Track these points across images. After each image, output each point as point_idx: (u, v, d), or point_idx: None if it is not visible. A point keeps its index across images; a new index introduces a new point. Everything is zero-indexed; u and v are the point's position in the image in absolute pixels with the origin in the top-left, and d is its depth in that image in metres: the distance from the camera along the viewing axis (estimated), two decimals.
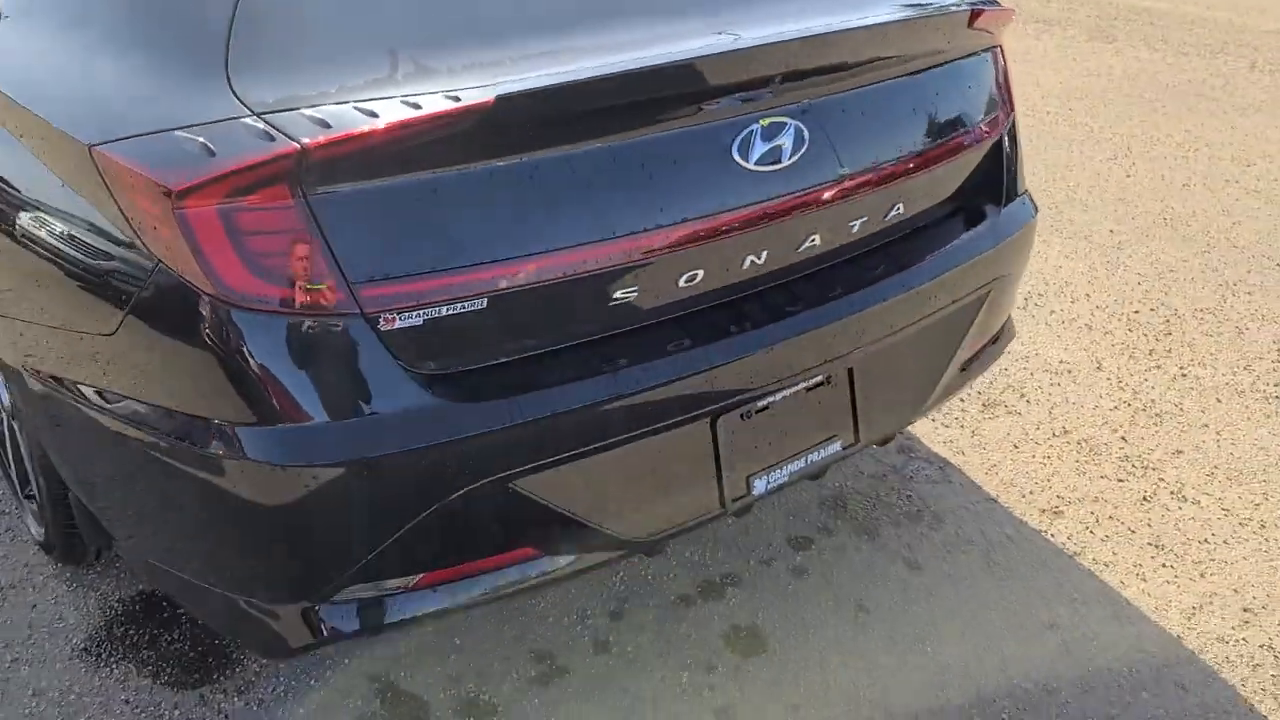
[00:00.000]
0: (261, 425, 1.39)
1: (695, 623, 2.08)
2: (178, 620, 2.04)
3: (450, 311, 1.42)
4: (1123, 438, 2.67)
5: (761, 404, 1.73)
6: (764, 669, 1.98)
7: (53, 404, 1.67)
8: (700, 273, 1.62)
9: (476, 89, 1.38)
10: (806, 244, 1.74)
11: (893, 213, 1.86)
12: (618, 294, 1.55)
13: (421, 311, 1.41)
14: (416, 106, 1.35)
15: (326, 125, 1.33)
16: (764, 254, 1.68)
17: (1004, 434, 2.67)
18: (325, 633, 1.54)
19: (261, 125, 1.34)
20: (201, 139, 1.35)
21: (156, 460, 1.49)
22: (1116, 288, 3.42)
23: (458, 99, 1.36)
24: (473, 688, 1.92)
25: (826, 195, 1.71)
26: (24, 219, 1.58)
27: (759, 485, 1.77)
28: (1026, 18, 6.87)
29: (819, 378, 1.80)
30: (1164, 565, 2.26)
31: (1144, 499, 2.45)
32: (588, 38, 1.56)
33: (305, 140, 1.30)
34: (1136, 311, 3.28)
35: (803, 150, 1.66)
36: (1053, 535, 2.34)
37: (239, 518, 1.46)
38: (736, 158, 1.59)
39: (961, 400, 2.80)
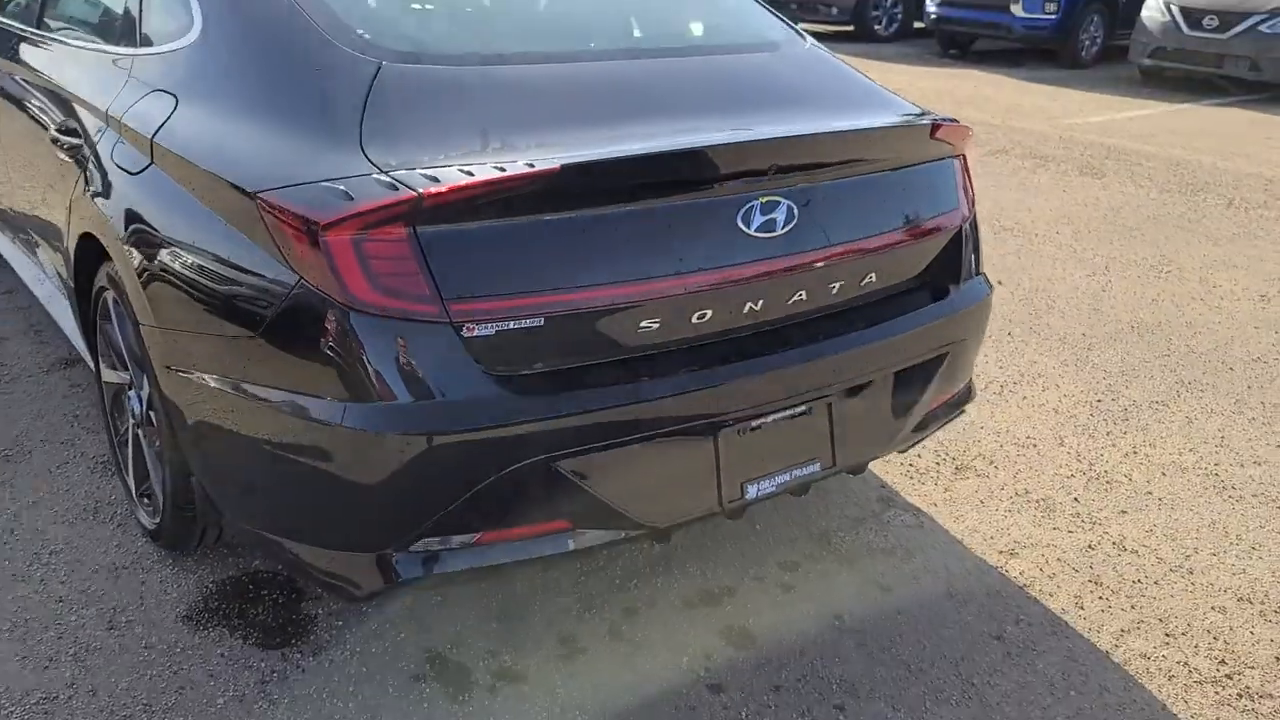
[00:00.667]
0: (363, 402, 1.83)
1: (695, 621, 2.45)
2: (260, 598, 2.43)
3: (516, 326, 1.87)
4: (1075, 499, 3.06)
5: (755, 423, 2.16)
6: (752, 658, 2.35)
7: (197, 399, 2.11)
8: (709, 312, 2.07)
9: (546, 160, 1.86)
10: (794, 298, 2.19)
11: (866, 280, 2.31)
12: (643, 323, 2.00)
13: (495, 324, 1.86)
14: (501, 169, 1.83)
15: (436, 180, 1.81)
16: (760, 302, 2.13)
17: (972, 491, 3.07)
18: (398, 578, 1.94)
19: (387, 179, 1.82)
20: (342, 188, 1.83)
21: (277, 434, 1.92)
22: (1084, 380, 3.84)
23: (532, 166, 1.84)
24: (507, 659, 2.30)
25: (810, 261, 2.17)
26: (192, 251, 2.06)
27: (751, 491, 2.18)
28: (1024, 154, 7.47)
29: (802, 407, 2.23)
30: (1100, 598, 2.62)
31: (1089, 547, 2.83)
32: (632, 128, 2.05)
33: (420, 190, 1.78)
34: (1099, 400, 3.69)
35: (792, 224, 2.13)
36: (1007, 570, 2.71)
37: (337, 478, 1.89)
38: (740, 225, 2.06)
39: (936, 463, 3.20)
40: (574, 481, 1.95)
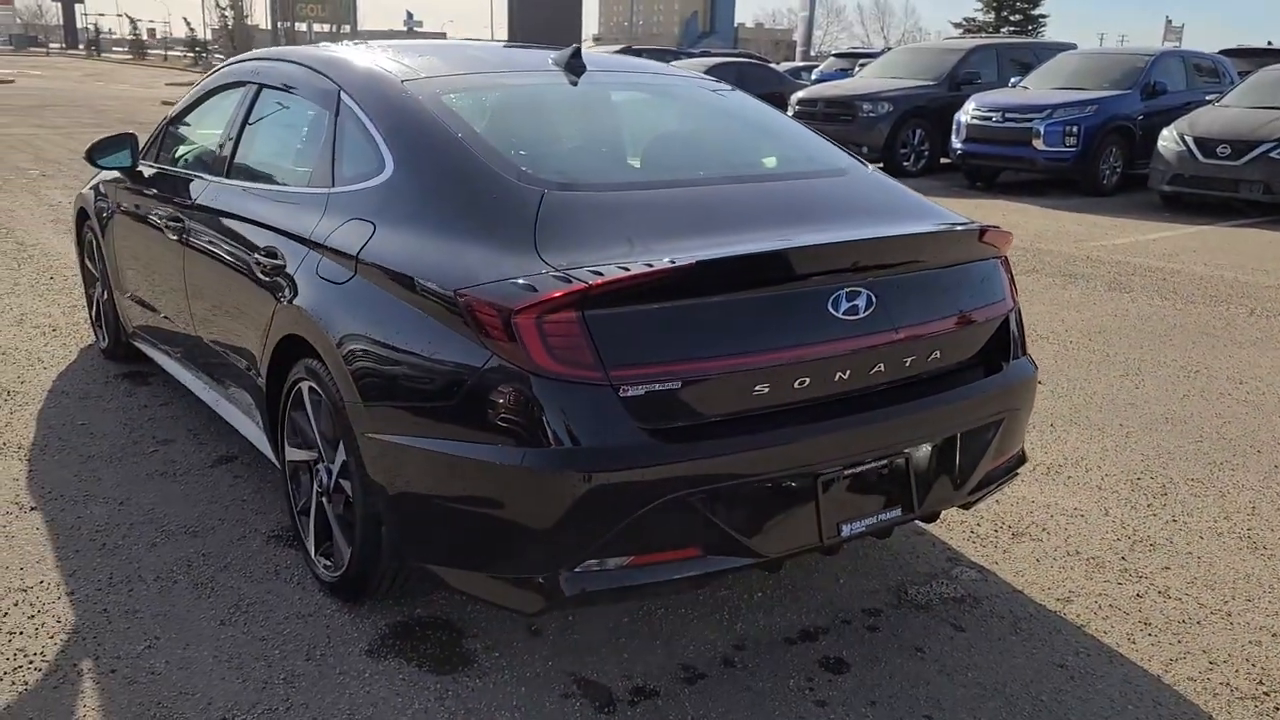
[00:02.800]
0: (541, 448, 2.32)
1: (797, 653, 2.86)
2: (427, 636, 2.88)
3: (660, 388, 2.38)
4: (1122, 558, 3.46)
5: (848, 472, 2.62)
6: (848, 682, 2.75)
7: (390, 458, 2.61)
8: (808, 379, 2.56)
9: (683, 258, 2.40)
10: (875, 369, 2.68)
11: (932, 356, 2.81)
12: (757, 387, 2.50)
13: (645, 386, 2.36)
14: (649, 265, 2.37)
15: (599, 274, 2.35)
16: (848, 372, 2.63)
17: (1028, 552, 3.48)
18: (561, 595, 2.40)
19: (562, 274, 2.36)
20: (524, 282, 2.37)
21: (466, 478, 2.42)
22: (1124, 463, 4.26)
23: (673, 262, 2.38)
24: (640, 680, 2.71)
25: (886, 340, 2.68)
26: (392, 338, 2.60)
27: (845, 529, 2.63)
28: (1054, 273, 8.02)
29: (885, 460, 2.69)
30: (1149, 635, 3.00)
31: (1137, 595, 3.22)
32: (743, 234, 2.61)
33: (590, 281, 2.32)
34: (1138, 479, 4.11)
35: (872, 309, 2.64)
36: (1065, 614, 3.10)
37: (518, 510, 2.37)
38: (830, 309, 2.58)
39: (995, 530, 3.62)
40: (704, 514, 2.42)
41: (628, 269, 2.36)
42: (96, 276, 5.19)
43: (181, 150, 4.36)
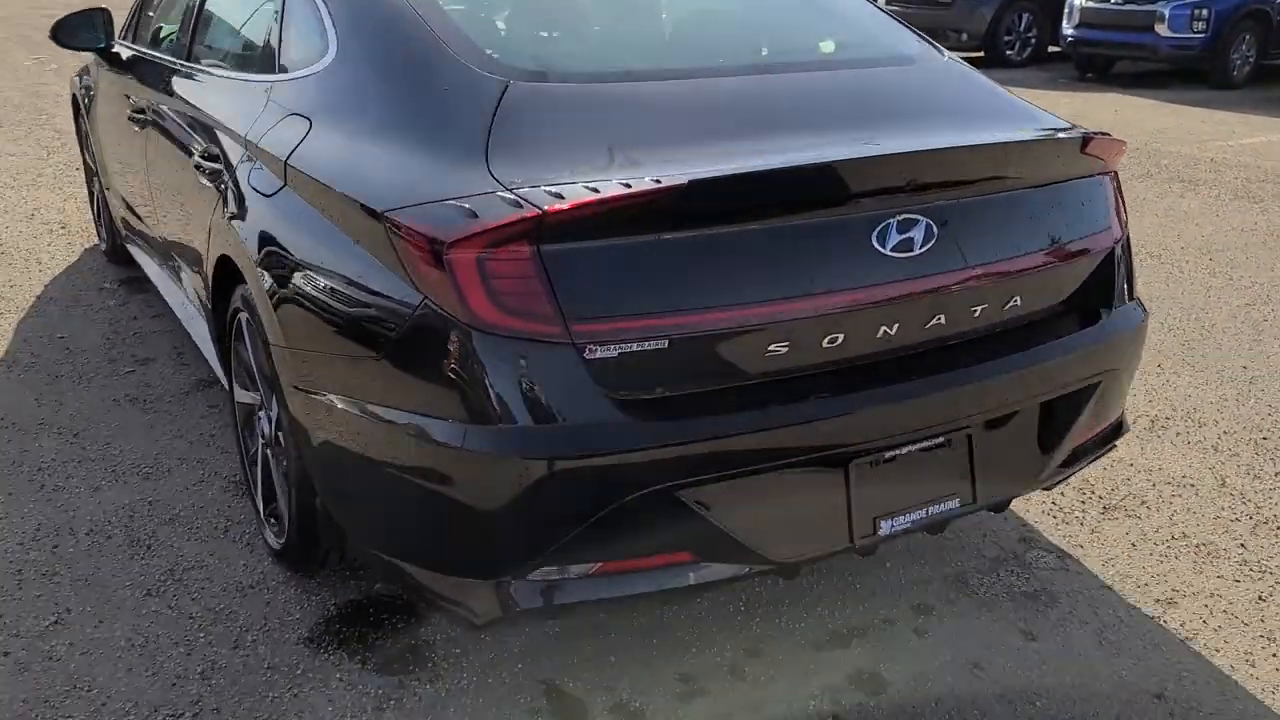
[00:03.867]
0: (484, 424, 1.78)
1: (822, 663, 2.33)
2: (380, 623, 2.42)
3: (640, 348, 1.81)
4: (1242, 545, 2.82)
5: (889, 455, 2.04)
6: (884, 705, 2.21)
7: (323, 420, 2.11)
8: (841, 336, 1.96)
9: (674, 176, 1.80)
10: (933, 322, 2.06)
11: (1010, 304, 2.17)
12: (771, 347, 1.91)
13: (618, 346, 1.79)
14: (627, 186, 1.78)
15: (560, 197, 1.76)
16: (895, 326, 2.02)
17: (1123, 534, 2.86)
18: (516, 606, 1.89)
19: (511, 197, 1.79)
20: (467, 205, 1.80)
21: (403, 459, 1.90)
22: (1246, 416, 3.57)
23: (659, 182, 1.78)
24: (624, 695, 2.22)
25: (950, 283, 2.05)
26: (320, 271, 2.07)
27: (884, 527, 2.05)
28: (1171, 177, 7.10)
29: (940, 439, 2.10)
30: (1275, 655, 2.39)
31: (1260, 598, 2.59)
32: (761, 143, 1.98)
33: (544, 207, 1.74)
34: (1264, 438, 3.42)
35: (931, 243, 2.01)
36: (1166, 622, 2.50)
37: (456, 502, 1.85)
38: (875, 244, 1.96)
39: (1082, 501, 3.00)
40: (697, 512, 1.87)
41: (597, 190, 1.77)
42: (94, 169, 4.76)
43: (151, 30, 3.83)
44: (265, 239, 2.26)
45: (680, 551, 1.91)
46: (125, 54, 3.89)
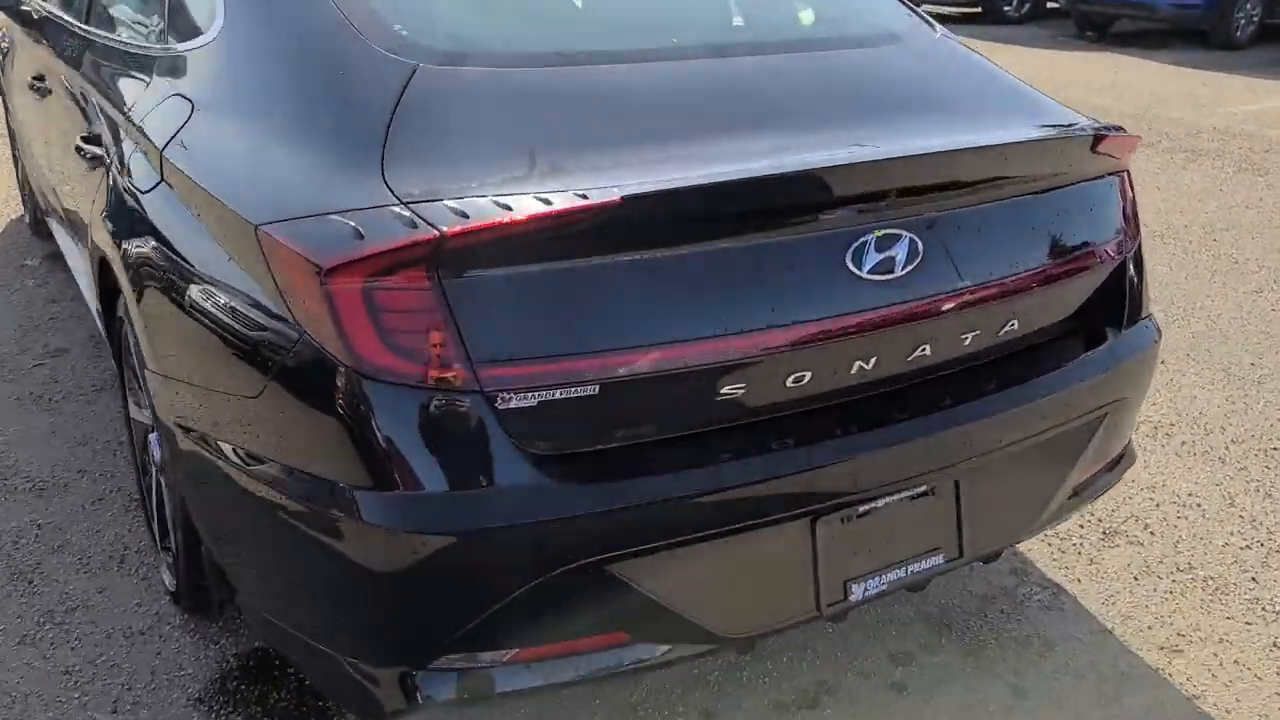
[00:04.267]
0: (378, 491, 1.48)
1: None
2: (286, 680, 2.12)
3: (564, 395, 1.50)
4: (1253, 579, 2.54)
5: (863, 509, 1.74)
6: None
7: (197, 460, 1.80)
8: (808, 374, 1.66)
9: (605, 188, 1.48)
10: (916, 353, 1.76)
11: (1006, 328, 1.87)
12: (725, 389, 1.60)
13: (538, 393, 1.48)
14: (547, 202, 1.45)
15: (465, 215, 1.44)
16: (873, 360, 1.71)
17: (1124, 564, 2.58)
18: (420, 699, 1.59)
19: (406, 213, 1.46)
20: (353, 223, 1.48)
21: (282, 519, 1.59)
22: (1255, 422, 3.28)
23: (586, 197, 1.46)
24: None
25: (938, 308, 1.74)
26: (193, 289, 1.74)
27: (856, 591, 1.76)
28: (1173, 148, 6.77)
29: (923, 487, 1.80)
30: None
31: (1274, 645, 2.32)
32: (713, 145, 1.65)
33: (444, 228, 1.42)
34: (1275, 448, 3.14)
35: (916, 262, 1.70)
36: (1170, 674, 2.23)
37: (349, 579, 1.55)
38: (849, 265, 1.64)
39: (1080, 526, 2.71)
40: (633, 587, 1.57)
41: (509, 207, 1.45)
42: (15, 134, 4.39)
43: None
44: (138, 245, 1.93)
45: (614, 632, 1.62)
46: (33, 12, 3.50)
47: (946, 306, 1.75)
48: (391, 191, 1.52)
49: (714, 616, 1.65)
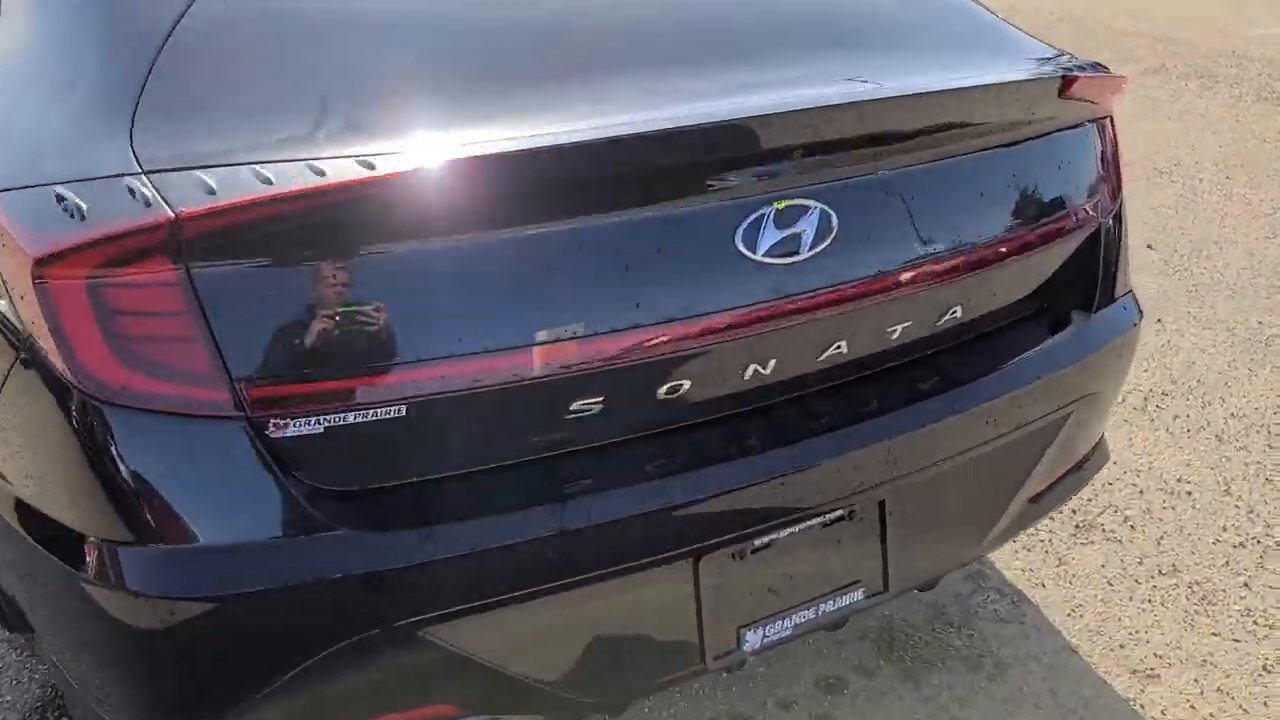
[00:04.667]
0: (110, 540, 1.16)
1: None
2: None
3: (358, 419, 1.18)
4: (1245, 584, 2.23)
5: (759, 542, 1.42)
6: None
7: None
8: (685, 383, 1.33)
9: (403, 154, 1.14)
10: (830, 352, 1.43)
11: (947, 317, 1.53)
12: (575, 405, 1.27)
13: (321, 417, 1.16)
14: (320, 173, 1.11)
15: (211, 191, 1.10)
16: (771, 363, 1.38)
17: (1097, 566, 2.27)
18: None
19: (144, 186, 1.12)
20: (78, 198, 1.14)
21: (18, 563, 1.29)
22: (1259, 393, 2.94)
23: (372, 166, 1.12)
24: None
25: (857, 295, 1.40)
26: None
27: (751, 640, 1.45)
28: (1187, 73, 6.30)
29: (839, 511, 1.48)
30: None
31: (1264, 669, 2.02)
32: (556, 94, 1.30)
33: (181, 209, 1.08)
34: None
35: (829, 240, 1.36)
36: (1143, 705, 1.93)
37: (98, 640, 1.24)
38: (740, 247, 1.30)
39: (1050, 518, 2.40)
40: (457, 653, 1.26)
41: (271, 180, 1.11)
42: None
43: None
44: None
45: (438, 704, 1.32)
46: None
47: (867, 294, 1.41)
48: (135, 156, 1.17)
49: (568, 681, 1.35)
